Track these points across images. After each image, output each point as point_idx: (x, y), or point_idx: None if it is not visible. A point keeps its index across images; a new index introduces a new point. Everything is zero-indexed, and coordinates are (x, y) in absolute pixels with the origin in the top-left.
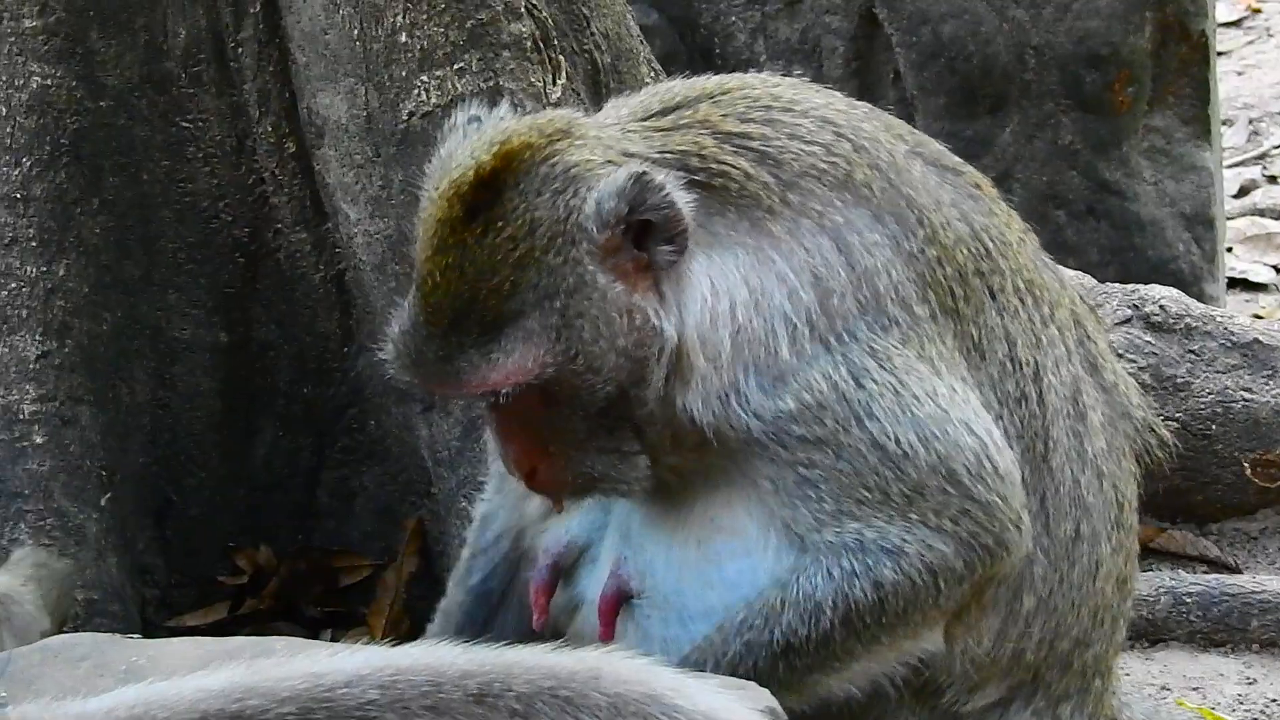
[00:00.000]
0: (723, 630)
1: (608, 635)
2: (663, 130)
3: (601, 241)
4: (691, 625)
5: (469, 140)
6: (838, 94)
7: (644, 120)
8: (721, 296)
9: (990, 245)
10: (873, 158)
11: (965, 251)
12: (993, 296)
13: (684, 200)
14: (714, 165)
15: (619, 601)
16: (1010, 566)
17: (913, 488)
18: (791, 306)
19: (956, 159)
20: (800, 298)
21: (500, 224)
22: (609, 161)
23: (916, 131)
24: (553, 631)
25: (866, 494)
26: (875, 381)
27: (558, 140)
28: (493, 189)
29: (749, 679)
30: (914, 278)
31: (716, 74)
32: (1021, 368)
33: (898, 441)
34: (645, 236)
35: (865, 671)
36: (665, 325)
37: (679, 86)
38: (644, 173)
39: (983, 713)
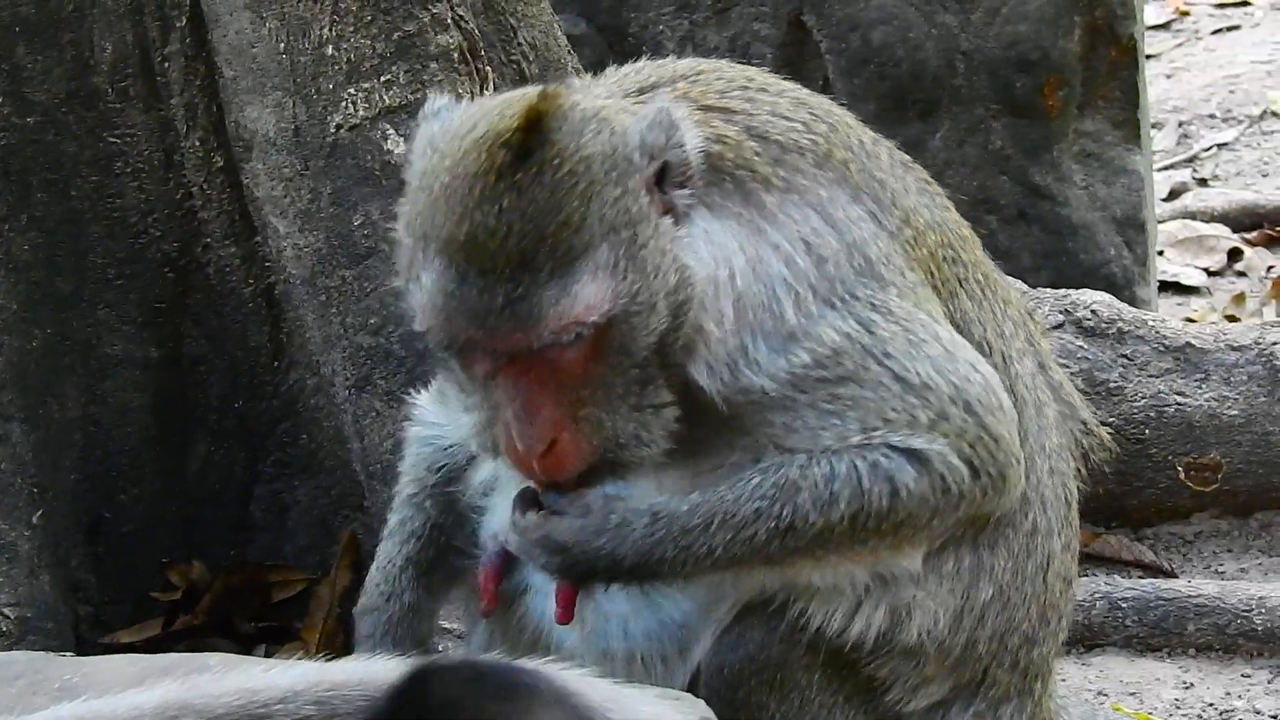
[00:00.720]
0: (735, 490)
1: (566, 618)
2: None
3: (647, 174)
4: (662, 599)
5: (474, 108)
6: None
7: (626, 97)
8: (721, 264)
9: (952, 236)
10: (846, 140)
11: (934, 237)
12: (960, 283)
13: (695, 143)
14: (708, 132)
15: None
16: (1005, 505)
17: (937, 413)
18: (790, 273)
19: (906, 155)
20: (797, 264)
21: (556, 161)
22: (623, 110)
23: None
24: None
25: (894, 415)
26: (884, 328)
27: (573, 93)
28: (540, 132)
29: (743, 546)
30: (899, 250)
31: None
32: (992, 353)
33: (917, 374)
34: (662, 179)
35: (843, 569)
36: (696, 269)
37: (648, 69)
38: (671, 108)
39: (925, 713)
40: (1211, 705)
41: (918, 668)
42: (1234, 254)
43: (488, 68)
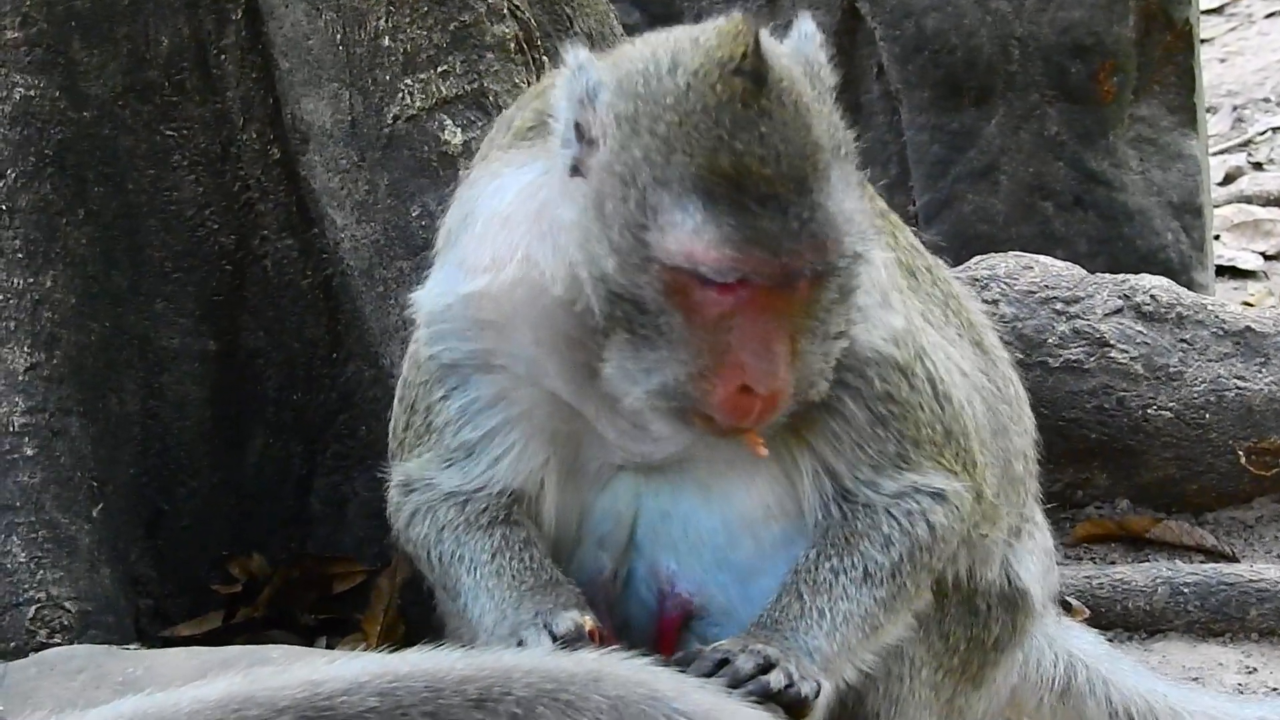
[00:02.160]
0: (801, 567)
1: (669, 652)
2: None
3: (833, 93)
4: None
5: (648, 50)
6: None
7: None
8: None
9: (911, 240)
10: None
11: (906, 238)
12: (931, 282)
13: None
14: None
15: (682, 622)
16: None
17: (943, 435)
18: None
19: None
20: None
21: (785, 84)
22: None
23: None
24: None
25: (918, 436)
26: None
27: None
28: (764, 57)
29: (837, 606)
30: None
31: None
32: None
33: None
34: None
35: (902, 623)
36: None
37: None
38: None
39: None
40: (1275, 690)
41: None
42: None
43: (544, 57)
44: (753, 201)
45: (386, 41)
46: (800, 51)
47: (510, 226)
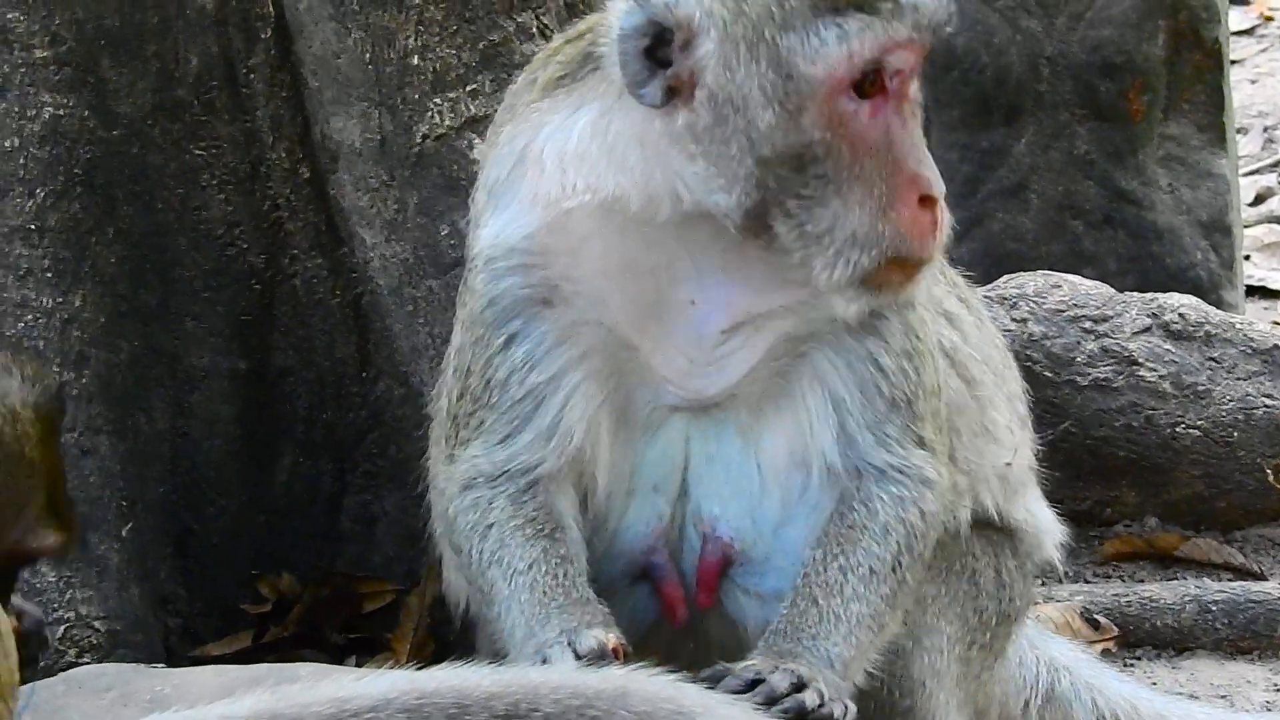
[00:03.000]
0: (810, 569)
1: (708, 601)
2: None
3: None
4: (777, 576)
5: None
6: None
7: None
8: None
9: None
10: None
11: None
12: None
13: None
14: None
15: (721, 567)
16: None
17: (938, 424)
18: None
19: None
20: None
21: None
22: None
23: None
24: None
25: (921, 413)
26: None
27: None
28: None
29: (850, 608)
30: None
31: None
32: None
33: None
34: None
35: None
36: None
37: None
38: None
39: None
40: None
41: None
42: None
43: None
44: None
45: (416, 60)
46: None
47: (583, 160)
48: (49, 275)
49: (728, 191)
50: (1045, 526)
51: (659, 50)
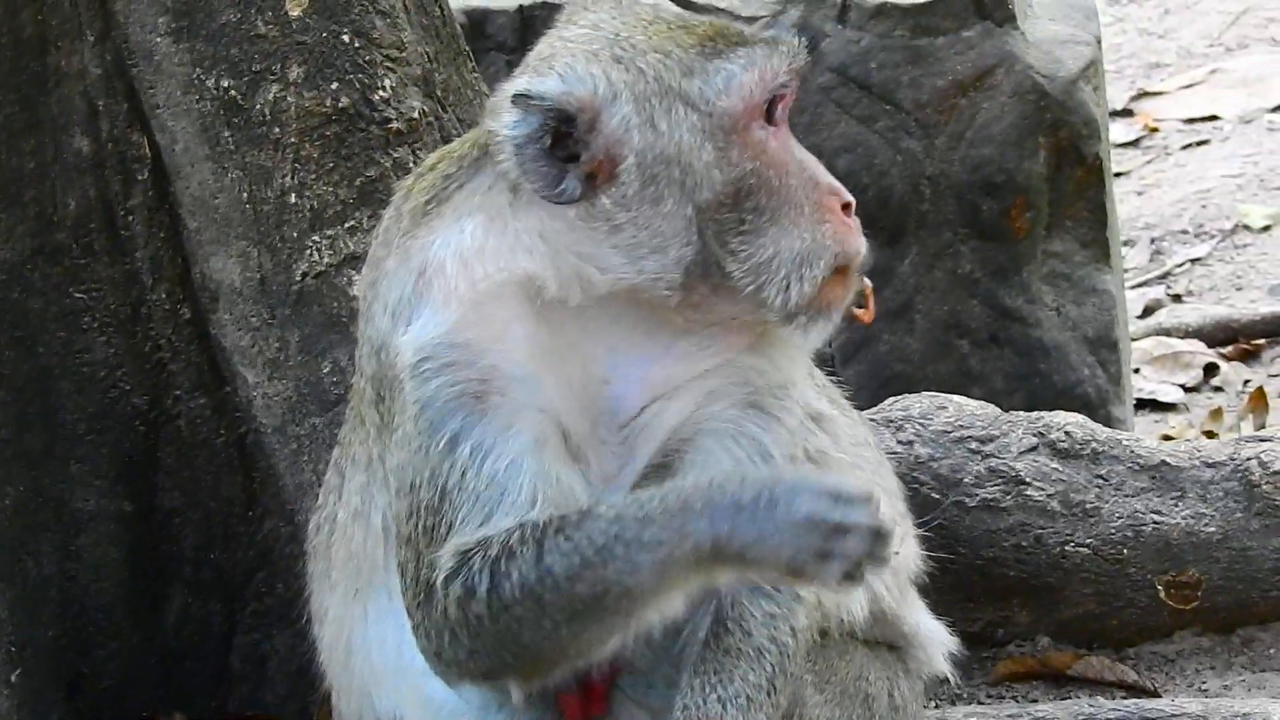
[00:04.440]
0: (689, 700)
1: (600, 710)
2: None
3: None
4: (665, 685)
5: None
6: None
7: None
8: None
9: None
10: None
11: None
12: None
13: None
14: None
15: (610, 677)
16: None
17: None
18: None
19: None
20: None
21: None
22: None
23: None
24: None
25: None
26: None
27: None
28: None
29: None
30: None
31: None
32: None
33: None
34: None
35: None
36: None
37: None
38: None
39: None
40: None
41: None
42: (1210, 369)
43: None
44: (733, 33)
45: (293, 198)
46: None
47: (486, 253)
48: None
49: (662, 251)
50: (935, 637)
51: (558, 146)
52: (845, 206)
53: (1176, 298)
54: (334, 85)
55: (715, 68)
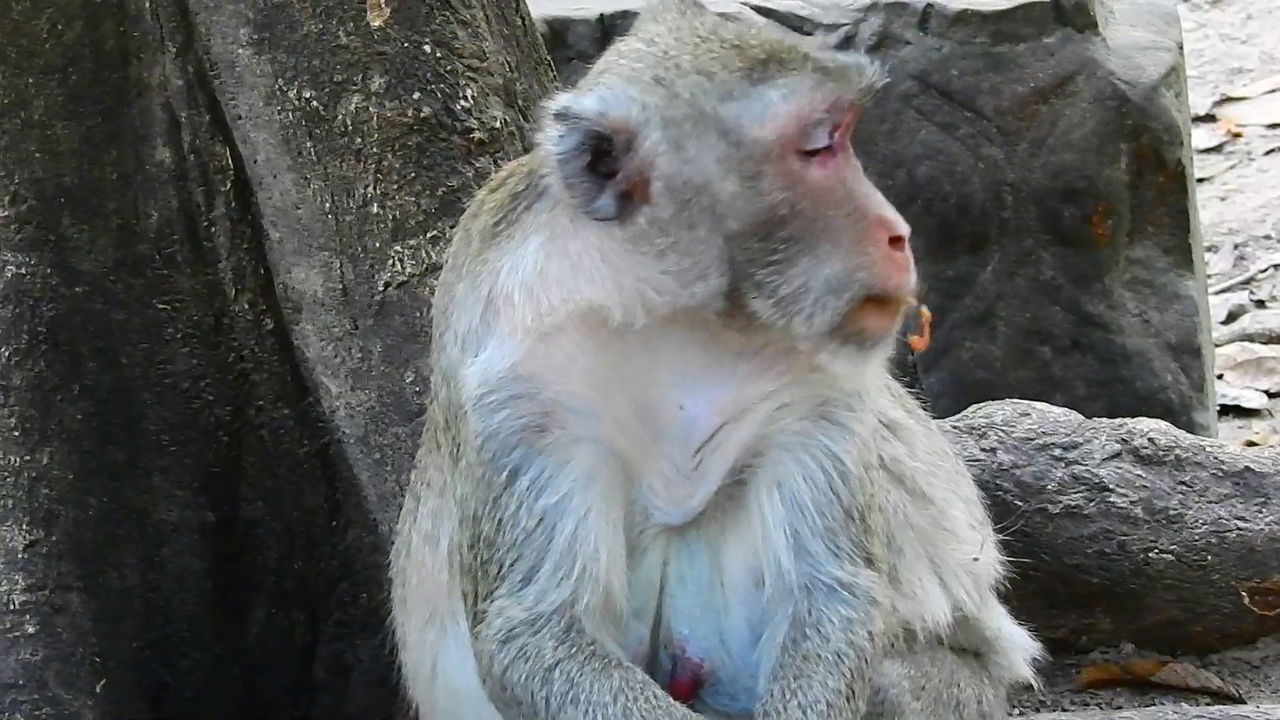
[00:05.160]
0: (770, 707)
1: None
2: None
3: None
4: (748, 698)
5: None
6: None
7: None
8: None
9: None
10: None
11: None
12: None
13: None
14: None
15: (691, 689)
16: None
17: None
18: None
19: None
20: None
21: None
22: None
23: None
24: None
25: (875, 529)
26: None
27: None
28: None
29: None
30: None
31: None
32: None
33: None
34: None
35: None
36: None
37: None
38: None
39: None
40: None
41: None
42: None
43: None
44: (789, 57)
45: (375, 209)
46: None
47: (550, 281)
48: (15, 434)
49: (704, 278)
50: (1017, 641)
51: (601, 164)
52: (895, 240)
53: (1260, 303)
54: (415, 95)
55: (757, 94)
